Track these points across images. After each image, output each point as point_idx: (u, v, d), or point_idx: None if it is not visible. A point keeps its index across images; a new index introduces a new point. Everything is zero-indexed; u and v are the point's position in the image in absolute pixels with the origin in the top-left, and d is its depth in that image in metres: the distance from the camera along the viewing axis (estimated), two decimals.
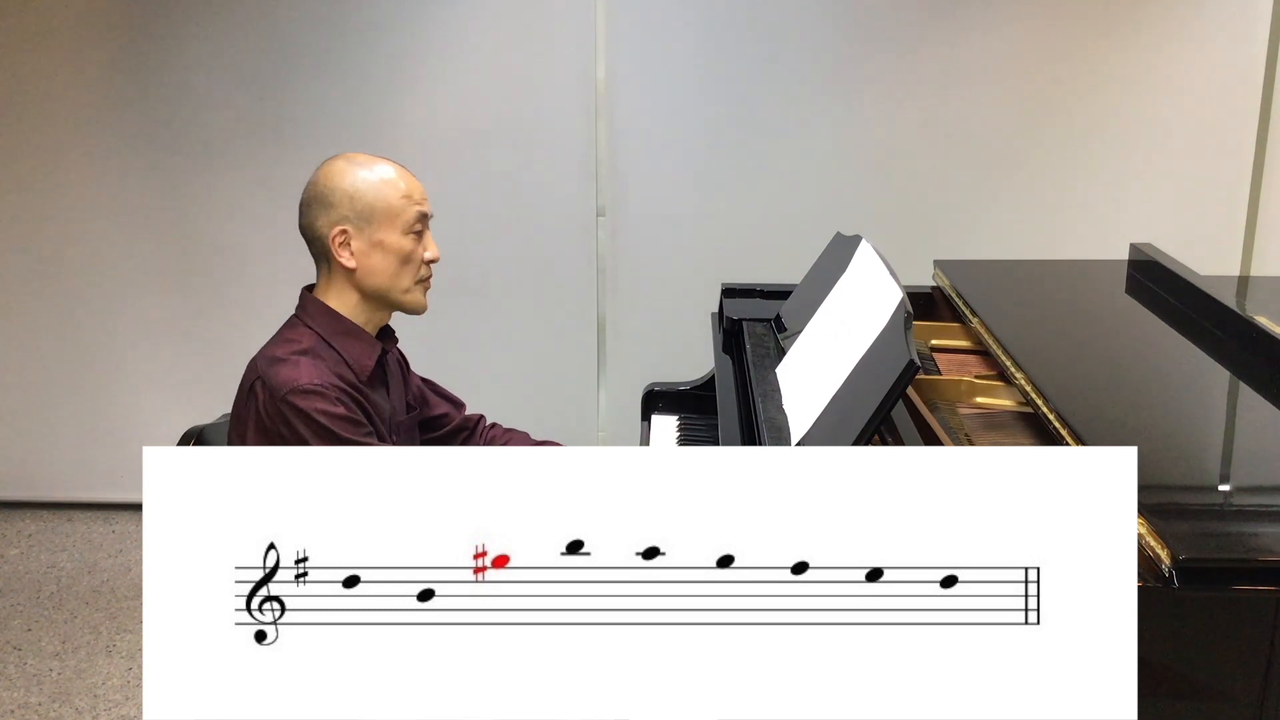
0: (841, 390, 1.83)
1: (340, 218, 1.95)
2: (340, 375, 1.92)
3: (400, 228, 1.96)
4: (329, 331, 1.97)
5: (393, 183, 1.98)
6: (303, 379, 1.87)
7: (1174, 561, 1.39)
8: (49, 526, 3.96)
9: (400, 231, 1.96)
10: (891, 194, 3.69)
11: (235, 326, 3.85)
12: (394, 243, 1.96)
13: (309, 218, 1.99)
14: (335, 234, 1.95)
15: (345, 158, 2.01)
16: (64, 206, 3.79)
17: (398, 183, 1.98)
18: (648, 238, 3.75)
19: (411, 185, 2.00)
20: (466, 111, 3.66)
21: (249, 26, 3.61)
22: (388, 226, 1.96)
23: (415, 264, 1.99)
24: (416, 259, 1.99)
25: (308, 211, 1.99)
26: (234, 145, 3.71)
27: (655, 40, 3.61)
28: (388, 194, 1.96)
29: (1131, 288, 2.57)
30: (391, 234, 1.96)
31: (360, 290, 1.98)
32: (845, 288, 2.14)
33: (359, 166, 1.99)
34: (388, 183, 1.97)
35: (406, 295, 2.00)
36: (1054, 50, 3.59)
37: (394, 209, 1.96)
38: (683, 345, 3.46)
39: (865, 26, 3.59)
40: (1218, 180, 3.67)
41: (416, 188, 2.01)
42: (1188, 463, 1.74)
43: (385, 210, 1.96)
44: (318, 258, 2.01)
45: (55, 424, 3.97)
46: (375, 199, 1.96)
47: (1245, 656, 1.39)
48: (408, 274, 1.99)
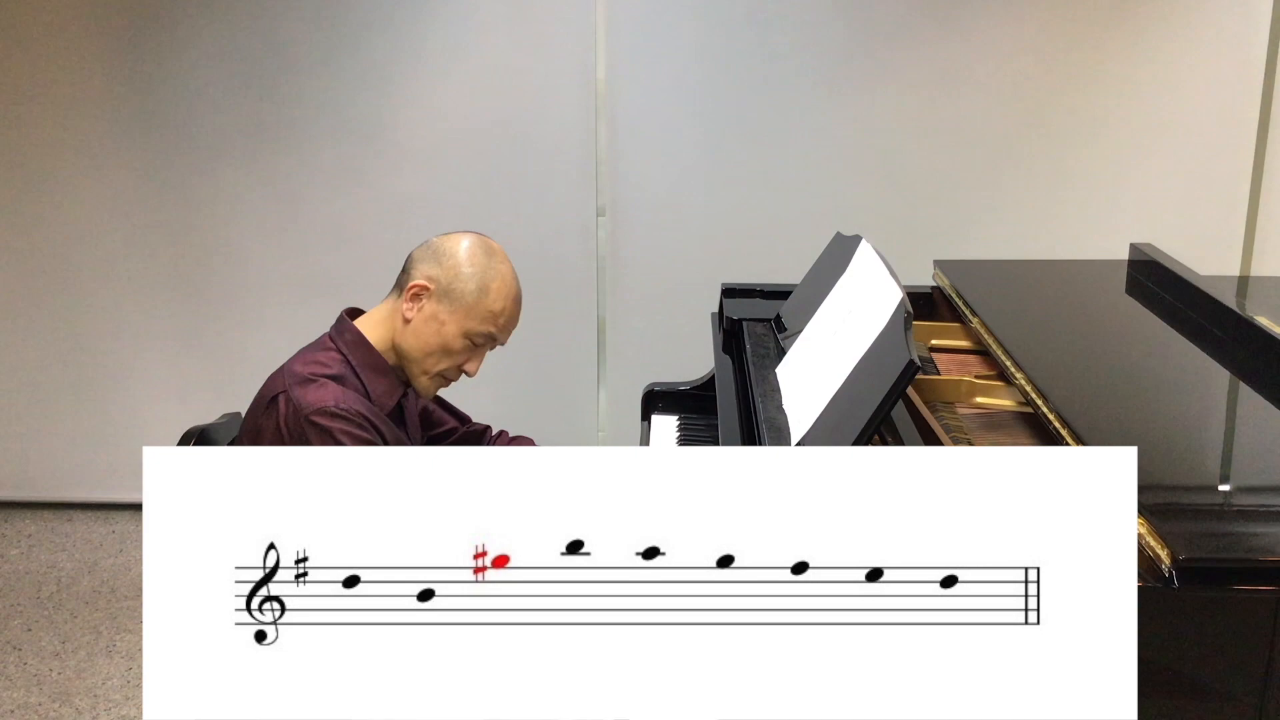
0: (841, 390, 1.83)
1: (435, 277, 1.98)
2: (364, 406, 1.93)
3: (466, 329, 1.98)
4: (358, 361, 1.98)
5: (496, 296, 1.99)
6: (330, 400, 1.88)
7: (1174, 561, 1.39)
8: (49, 526, 3.95)
9: (459, 330, 1.98)
10: (891, 194, 3.69)
11: (235, 327, 3.86)
12: (450, 333, 1.98)
13: (419, 256, 2.02)
14: (417, 285, 1.98)
15: (487, 241, 2.04)
16: (64, 207, 3.79)
17: (498, 300, 1.99)
18: (648, 238, 3.75)
19: (509, 311, 2.02)
20: (466, 111, 3.66)
21: (249, 27, 3.61)
22: (459, 318, 1.97)
23: (449, 364, 2.00)
24: (454, 361, 2.00)
25: (424, 252, 2.02)
26: (234, 146, 3.71)
27: (655, 40, 3.61)
28: (483, 299, 1.98)
29: (1131, 288, 2.57)
30: (449, 325, 1.97)
31: (396, 338, 2.00)
32: (845, 288, 2.14)
33: (489, 257, 2.01)
34: (492, 292, 1.99)
35: (422, 376, 2.01)
36: (1054, 50, 3.59)
37: (475, 313, 1.98)
38: (683, 345, 3.45)
39: (865, 26, 3.59)
40: (1218, 180, 3.67)
41: (511, 317, 2.03)
42: (1188, 463, 1.74)
43: (469, 307, 1.98)
44: (396, 288, 2.04)
45: (55, 424, 3.97)
46: (471, 291, 1.98)
47: (1245, 656, 1.39)
48: (437, 363, 2.00)
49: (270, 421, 1.90)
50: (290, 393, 1.89)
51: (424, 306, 1.98)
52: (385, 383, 1.99)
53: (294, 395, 1.88)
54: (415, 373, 2.00)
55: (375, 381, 1.98)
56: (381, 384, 1.98)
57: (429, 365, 1.99)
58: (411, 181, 3.71)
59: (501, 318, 2.00)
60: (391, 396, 2.00)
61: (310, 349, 2.00)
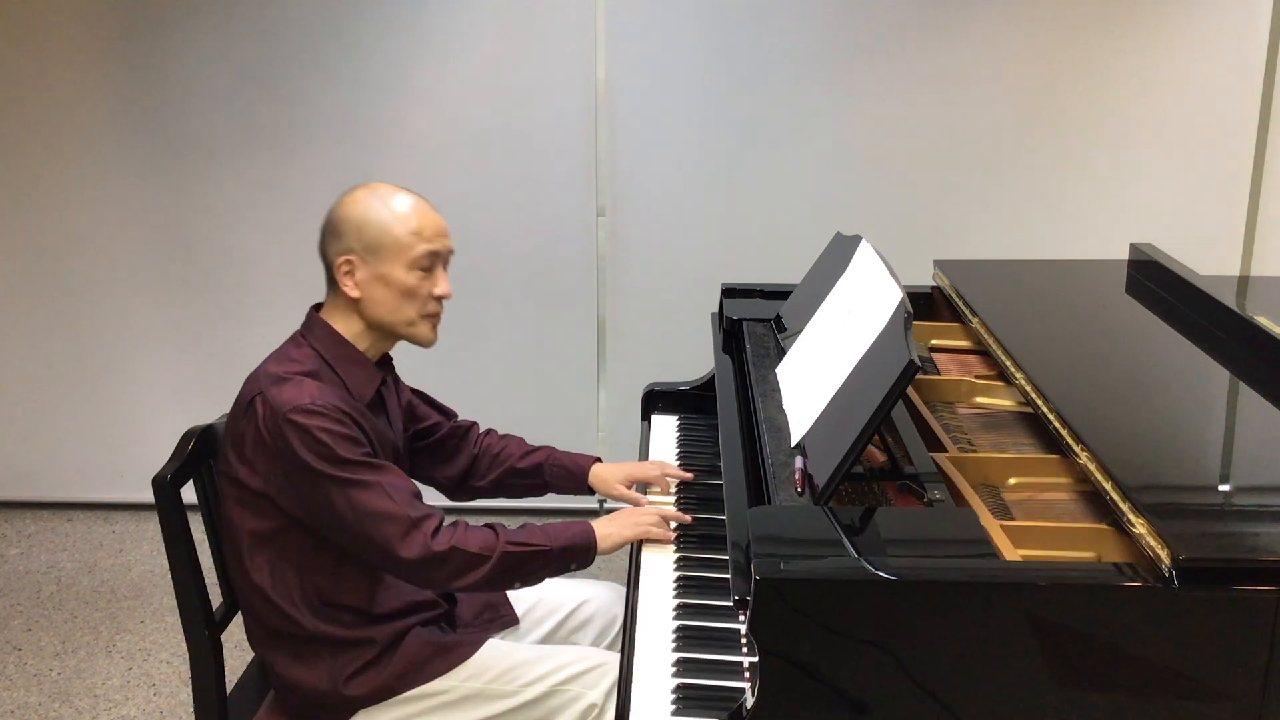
0: (841, 390, 1.83)
1: (347, 248, 1.94)
2: (341, 399, 1.91)
3: (405, 263, 1.93)
4: (332, 355, 1.96)
5: (404, 218, 1.94)
6: (305, 398, 1.86)
7: (1174, 561, 1.39)
8: (49, 526, 3.96)
9: (405, 267, 1.93)
10: (891, 194, 3.69)
11: (235, 327, 3.86)
12: (398, 277, 1.94)
13: (322, 243, 1.99)
14: (340, 263, 1.95)
15: (366, 187, 1.98)
16: (64, 208, 3.79)
17: (409, 218, 1.94)
18: (648, 238, 3.75)
19: (424, 221, 1.96)
20: (467, 112, 3.66)
21: (249, 28, 3.61)
22: (393, 261, 1.93)
23: (420, 299, 1.96)
24: (421, 295, 1.96)
25: (323, 237, 1.99)
26: (234, 147, 3.71)
27: (655, 40, 3.61)
28: (396, 229, 1.93)
29: (1131, 288, 2.57)
30: (396, 268, 1.93)
31: (364, 319, 1.98)
32: (845, 288, 2.14)
33: (375, 197, 1.96)
34: (399, 217, 1.94)
35: (410, 329, 1.98)
36: (1054, 50, 3.59)
37: (401, 244, 1.93)
38: (683, 345, 3.45)
39: (865, 26, 3.59)
40: (1218, 180, 3.68)
41: (430, 224, 1.96)
42: (1188, 463, 1.74)
43: (392, 245, 1.93)
44: (328, 281, 2.01)
45: (55, 424, 3.98)
46: (382, 232, 1.93)
47: (1245, 656, 1.39)
48: (410, 308, 1.96)
49: (250, 425, 1.89)
50: (266, 394, 1.88)
51: (360, 276, 1.94)
52: (361, 372, 1.97)
53: (270, 396, 1.87)
54: (403, 330, 1.98)
55: (351, 372, 1.96)
56: (358, 374, 1.97)
57: (406, 315, 1.96)
58: (412, 182, 3.65)
59: (425, 231, 1.95)
60: (369, 385, 1.98)
61: (283, 348, 1.99)
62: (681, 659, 1.75)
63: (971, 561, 1.50)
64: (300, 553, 1.93)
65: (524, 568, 1.96)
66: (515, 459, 2.34)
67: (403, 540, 1.86)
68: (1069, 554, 1.63)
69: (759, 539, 1.52)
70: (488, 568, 1.91)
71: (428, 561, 1.87)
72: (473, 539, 1.91)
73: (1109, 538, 1.63)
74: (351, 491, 1.85)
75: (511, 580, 1.97)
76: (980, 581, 1.43)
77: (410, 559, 1.86)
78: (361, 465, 1.87)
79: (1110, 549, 1.62)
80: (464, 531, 1.92)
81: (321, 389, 1.89)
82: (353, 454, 1.86)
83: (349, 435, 1.87)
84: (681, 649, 1.78)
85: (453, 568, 1.89)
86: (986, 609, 1.41)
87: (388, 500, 1.86)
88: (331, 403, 1.87)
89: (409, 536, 1.86)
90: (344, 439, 1.86)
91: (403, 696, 1.98)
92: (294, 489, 1.88)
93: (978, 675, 1.42)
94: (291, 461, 1.85)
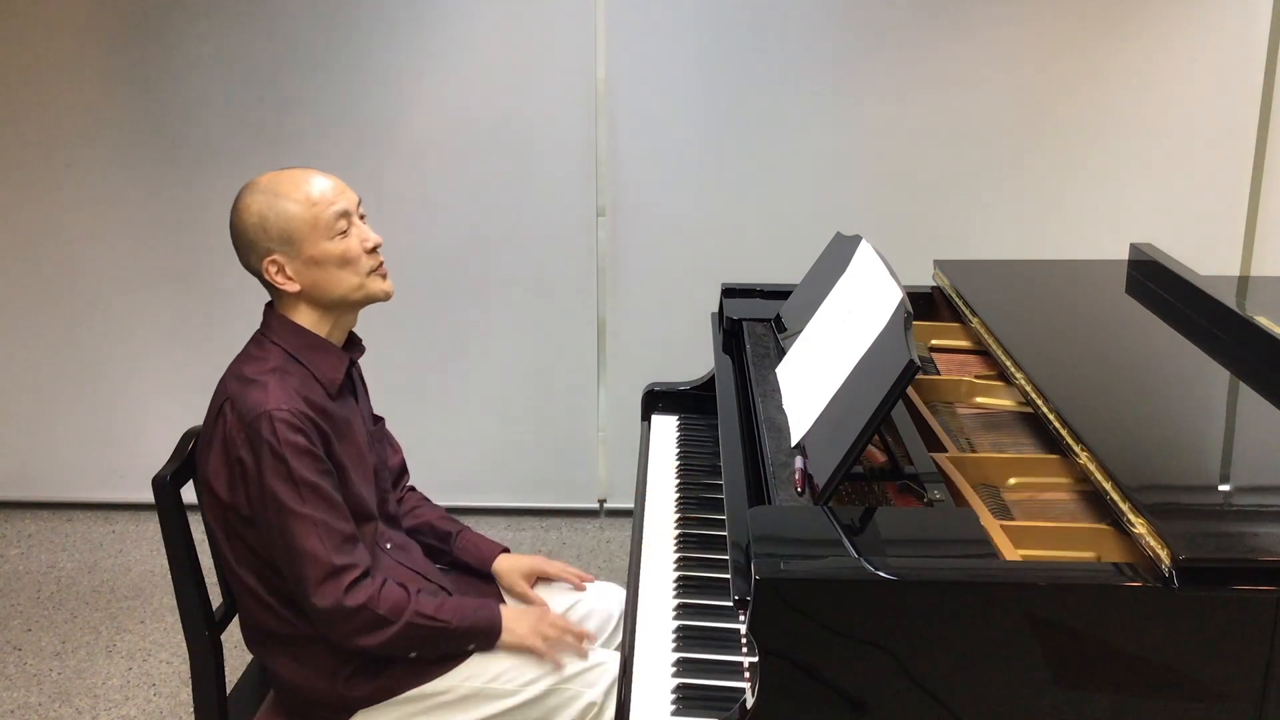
0: (841, 390, 1.83)
1: (265, 251, 1.91)
2: (308, 395, 1.90)
3: (323, 236, 1.90)
4: (295, 346, 1.95)
5: (296, 197, 1.90)
6: (270, 403, 1.85)
7: (1174, 561, 1.39)
8: (49, 526, 3.95)
9: (325, 239, 1.90)
10: (891, 194, 3.69)
11: (235, 327, 3.82)
12: (324, 251, 1.91)
13: (241, 258, 1.96)
14: (267, 267, 1.92)
15: (247, 189, 1.94)
16: (64, 208, 3.79)
17: (301, 194, 1.90)
18: (648, 238, 3.75)
19: (315, 188, 1.91)
20: (467, 111, 3.66)
21: (249, 27, 3.61)
22: (311, 240, 1.90)
23: (356, 260, 1.93)
24: (355, 255, 1.92)
25: (238, 253, 1.96)
26: (234, 146, 3.71)
27: (655, 40, 3.60)
28: (295, 210, 1.89)
29: (1131, 288, 2.57)
30: (318, 245, 1.90)
31: (317, 305, 1.96)
32: (845, 288, 2.14)
33: (259, 193, 1.91)
34: (292, 199, 1.90)
35: (362, 292, 1.95)
36: (1054, 50, 3.59)
37: (308, 222, 1.89)
38: (683, 345, 3.46)
39: (865, 26, 3.59)
40: (1218, 180, 3.68)
41: (320, 188, 1.91)
42: (1188, 463, 1.74)
43: (300, 227, 1.89)
44: (267, 289, 1.99)
45: (56, 424, 3.98)
46: (286, 221, 1.89)
47: (1245, 656, 1.39)
48: (351, 274, 1.93)
49: (219, 430, 1.89)
50: (234, 399, 1.88)
51: (292, 269, 1.92)
52: (327, 358, 1.96)
53: (237, 401, 1.87)
54: (357, 296, 1.95)
55: (317, 360, 1.95)
56: (324, 361, 1.95)
57: (351, 281, 1.93)
58: (412, 181, 3.71)
59: (321, 197, 1.90)
60: (338, 369, 1.97)
61: (247, 349, 1.98)
62: (681, 659, 1.75)
63: (971, 561, 1.50)
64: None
65: (426, 641, 1.94)
66: (433, 517, 2.30)
67: (319, 586, 1.85)
68: (1069, 554, 1.63)
69: (759, 539, 1.52)
70: (391, 632, 1.90)
71: (337, 613, 1.86)
72: (385, 599, 1.90)
73: (1109, 538, 1.63)
74: (289, 521, 1.84)
75: (410, 648, 1.94)
76: (980, 581, 1.43)
77: (321, 607, 1.86)
78: (310, 490, 1.85)
79: (1110, 549, 1.62)
80: (379, 590, 1.90)
81: (285, 388, 1.88)
82: (308, 472, 1.85)
83: (308, 450, 1.85)
84: (681, 649, 1.78)
85: (358, 624, 1.88)
86: (986, 609, 1.41)
87: (317, 541, 1.85)
88: (297, 407, 1.86)
89: (325, 584, 1.85)
90: (303, 454, 1.85)
91: (402, 696, 1.98)
92: (246, 495, 1.88)
93: (978, 675, 1.42)
94: (249, 469, 1.85)
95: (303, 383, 1.92)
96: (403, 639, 1.91)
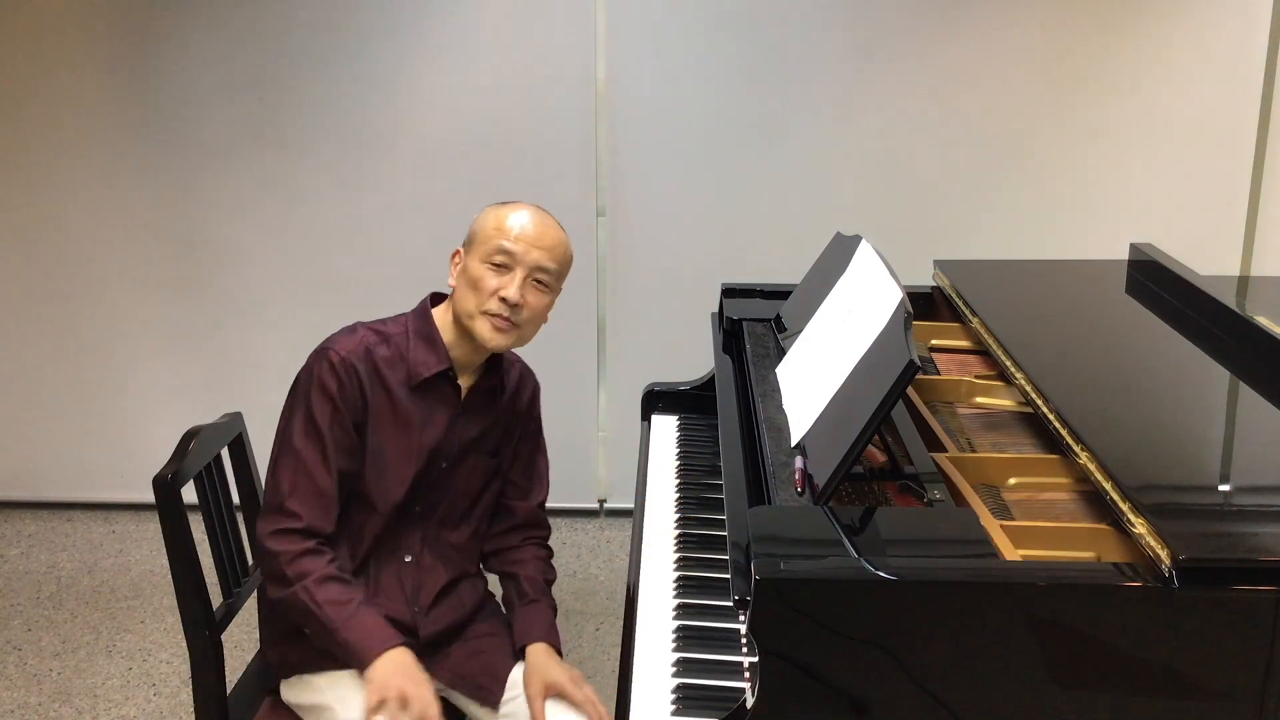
0: (841, 390, 1.83)
1: (464, 241, 2.03)
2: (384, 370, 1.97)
3: (481, 255, 1.98)
4: (414, 328, 2.03)
5: (496, 215, 2.00)
6: (338, 344, 1.96)
7: (1174, 561, 1.39)
8: (49, 526, 3.95)
9: (480, 259, 1.97)
10: (891, 194, 3.69)
11: (236, 327, 3.86)
12: (472, 268, 1.98)
13: None
14: (453, 254, 2.03)
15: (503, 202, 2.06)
16: (64, 207, 3.79)
17: (503, 217, 2.00)
18: (648, 238, 3.75)
19: (514, 223, 1.99)
20: (467, 112, 3.66)
21: (249, 27, 3.61)
22: (475, 253, 1.99)
23: (483, 294, 1.96)
24: (485, 289, 1.96)
25: None
26: (234, 146, 3.71)
27: (655, 40, 3.61)
28: (486, 223, 2.00)
29: (1131, 288, 2.57)
30: (474, 260, 1.98)
31: (454, 311, 2.02)
32: (845, 288, 2.14)
33: (495, 205, 2.04)
34: (493, 214, 2.01)
35: (469, 321, 1.98)
36: (1054, 50, 3.59)
37: (484, 237, 1.99)
38: (683, 345, 3.45)
39: (865, 27, 3.59)
40: (1218, 180, 3.68)
41: (518, 227, 1.98)
42: (1188, 463, 1.74)
43: (478, 237, 1.99)
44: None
45: (55, 424, 3.98)
46: (479, 227, 2.01)
47: (1245, 656, 1.39)
48: (471, 299, 1.97)
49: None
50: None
51: (458, 268, 2.02)
52: (428, 353, 2.00)
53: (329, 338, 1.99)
54: (465, 322, 1.99)
55: (419, 348, 2.00)
56: (424, 352, 2.00)
57: (467, 306, 1.97)
58: (412, 182, 3.71)
59: (510, 230, 1.98)
60: (428, 367, 2.00)
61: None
62: (681, 659, 1.75)
63: (971, 561, 1.50)
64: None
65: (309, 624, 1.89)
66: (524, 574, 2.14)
67: (264, 515, 1.94)
68: (1069, 554, 1.63)
69: (759, 539, 1.52)
70: (285, 593, 1.88)
71: (259, 548, 1.93)
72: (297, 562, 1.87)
73: (1109, 538, 1.63)
74: (282, 445, 1.95)
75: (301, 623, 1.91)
76: (980, 581, 1.43)
77: (259, 532, 1.93)
78: (314, 431, 1.92)
79: (1110, 549, 1.62)
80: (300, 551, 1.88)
81: (363, 337, 1.98)
82: (318, 409, 1.92)
83: (332, 394, 1.92)
84: (681, 649, 1.78)
85: (268, 569, 1.92)
86: (986, 609, 1.40)
87: (288, 475, 1.92)
88: (349, 357, 1.95)
89: (268, 516, 1.93)
90: (322, 393, 1.93)
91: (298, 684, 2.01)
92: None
93: (978, 675, 1.42)
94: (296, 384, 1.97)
95: (392, 356, 1.99)
96: (294, 608, 1.89)
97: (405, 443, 2.00)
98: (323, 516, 1.93)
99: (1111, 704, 1.42)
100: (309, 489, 1.91)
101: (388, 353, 1.99)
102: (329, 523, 1.94)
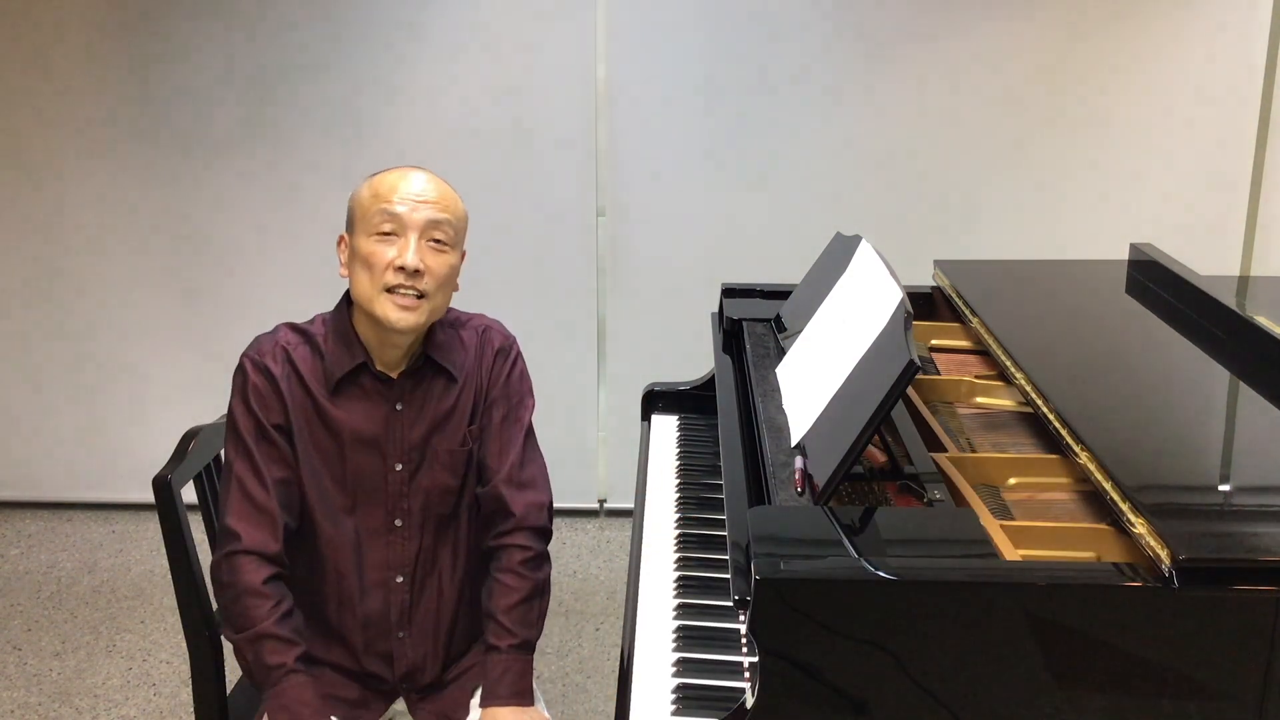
0: (841, 390, 1.83)
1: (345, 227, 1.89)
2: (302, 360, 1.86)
3: (366, 229, 1.79)
4: (331, 325, 1.90)
5: (371, 184, 1.82)
6: (256, 343, 1.88)
7: (1174, 561, 1.39)
8: (49, 526, 3.95)
9: (365, 233, 1.79)
10: (891, 194, 3.69)
11: (235, 326, 3.84)
12: (360, 245, 1.80)
13: None
14: (337, 241, 1.90)
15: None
16: (65, 207, 3.79)
17: (377, 184, 1.81)
18: (648, 238, 3.75)
19: (392, 184, 1.79)
20: (467, 111, 3.66)
21: (249, 27, 3.61)
22: (359, 229, 1.81)
23: (378, 269, 1.78)
24: (379, 263, 1.77)
25: None
26: (235, 146, 3.71)
27: (655, 40, 3.61)
28: (363, 195, 1.81)
29: (1131, 288, 2.57)
30: (360, 237, 1.80)
31: (356, 300, 1.86)
32: (845, 288, 2.14)
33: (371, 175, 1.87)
34: (367, 184, 1.82)
35: (372, 305, 1.79)
36: (1054, 50, 3.59)
37: (363, 209, 1.80)
38: (683, 345, 3.46)
39: (865, 26, 3.59)
40: (1218, 180, 3.68)
41: (396, 187, 1.79)
42: (1188, 463, 1.74)
43: (358, 211, 1.82)
44: None
45: (55, 424, 3.98)
46: (355, 202, 1.83)
47: (1245, 656, 1.39)
48: (368, 281, 1.79)
49: None
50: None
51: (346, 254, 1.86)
52: (340, 351, 1.86)
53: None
54: (368, 308, 1.81)
55: (332, 346, 1.86)
56: (336, 350, 1.86)
57: (367, 290, 1.79)
58: None
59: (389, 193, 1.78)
60: (340, 366, 1.85)
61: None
62: (681, 659, 1.75)
63: (971, 561, 1.50)
64: None
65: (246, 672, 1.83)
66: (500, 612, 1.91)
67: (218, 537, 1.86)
68: (1069, 554, 1.63)
69: (759, 539, 1.52)
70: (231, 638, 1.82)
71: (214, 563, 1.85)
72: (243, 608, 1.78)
73: (1109, 538, 1.63)
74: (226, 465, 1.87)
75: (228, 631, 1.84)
76: (980, 581, 1.43)
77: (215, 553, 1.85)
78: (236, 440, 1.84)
79: (1110, 549, 1.62)
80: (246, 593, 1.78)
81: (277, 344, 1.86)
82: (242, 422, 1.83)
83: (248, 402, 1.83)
84: (681, 649, 1.78)
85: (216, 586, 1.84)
86: (986, 609, 1.40)
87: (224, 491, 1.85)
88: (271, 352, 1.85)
89: (218, 541, 1.86)
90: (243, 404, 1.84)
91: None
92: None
93: (978, 675, 1.42)
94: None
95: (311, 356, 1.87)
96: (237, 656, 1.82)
97: (335, 446, 1.87)
98: (265, 535, 1.80)
99: (1111, 704, 1.42)
100: (245, 507, 1.80)
101: (307, 353, 1.85)
102: (273, 540, 1.80)
